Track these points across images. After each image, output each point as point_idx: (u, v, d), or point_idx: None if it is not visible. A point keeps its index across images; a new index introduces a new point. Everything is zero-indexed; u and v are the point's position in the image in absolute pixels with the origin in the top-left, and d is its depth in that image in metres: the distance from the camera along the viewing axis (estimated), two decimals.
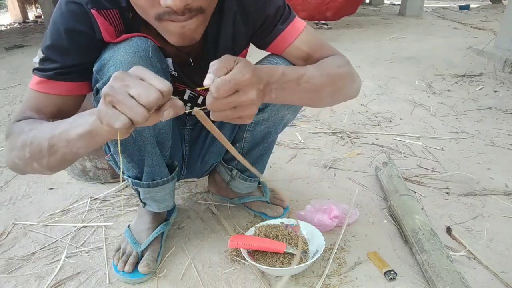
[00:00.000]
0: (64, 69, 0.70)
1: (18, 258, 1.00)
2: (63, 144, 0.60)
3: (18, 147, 0.66)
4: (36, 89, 0.71)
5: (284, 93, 0.68)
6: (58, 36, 0.69)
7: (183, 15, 0.62)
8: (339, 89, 0.79)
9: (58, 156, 0.63)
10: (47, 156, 0.63)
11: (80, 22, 0.69)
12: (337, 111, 2.01)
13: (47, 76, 0.70)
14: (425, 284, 0.86)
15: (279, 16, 0.82)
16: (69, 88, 0.73)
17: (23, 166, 0.68)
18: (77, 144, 0.59)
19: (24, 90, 2.61)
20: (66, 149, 0.61)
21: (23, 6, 8.62)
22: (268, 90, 0.64)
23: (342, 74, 0.79)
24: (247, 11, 0.81)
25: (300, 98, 0.74)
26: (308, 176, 1.37)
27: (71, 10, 0.68)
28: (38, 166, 0.66)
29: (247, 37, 0.87)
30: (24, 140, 0.65)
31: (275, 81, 0.66)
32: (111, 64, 0.70)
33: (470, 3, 6.86)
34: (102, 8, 0.69)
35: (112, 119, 0.50)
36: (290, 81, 0.69)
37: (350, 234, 1.04)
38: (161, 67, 0.75)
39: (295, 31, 0.82)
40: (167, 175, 0.91)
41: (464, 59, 2.94)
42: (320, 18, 4.76)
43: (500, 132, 1.67)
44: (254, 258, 0.91)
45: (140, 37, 0.73)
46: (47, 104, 0.72)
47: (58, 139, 0.60)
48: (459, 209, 1.14)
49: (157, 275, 0.92)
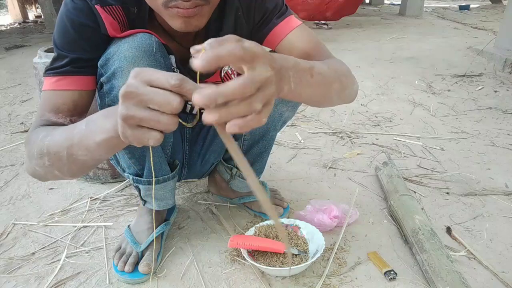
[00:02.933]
0: (76, 62, 0.71)
1: (18, 258, 1.00)
2: (83, 152, 0.59)
3: (36, 156, 0.65)
4: (52, 88, 0.72)
5: (301, 85, 0.60)
6: (66, 31, 0.70)
7: (188, 1, 0.63)
8: (344, 87, 0.76)
9: (79, 164, 0.62)
10: (67, 164, 0.63)
11: (86, 17, 0.70)
12: (337, 111, 2.01)
13: (62, 72, 0.71)
14: (425, 284, 0.86)
15: (276, 11, 0.83)
16: (84, 82, 0.74)
17: (44, 174, 0.68)
18: (98, 151, 0.58)
19: (24, 90, 2.62)
20: (86, 157, 0.60)
21: (23, 6, 8.61)
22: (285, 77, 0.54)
23: (346, 72, 0.78)
24: (249, 6, 0.82)
25: (313, 92, 0.66)
26: (308, 176, 1.37)
27: (76, 6, 0.70)
28: (59, 173, 0.66)
29: (248, 35, 0.87)
30: (41, 148, 0.64)
31: (291, 66, 0.56)
32: (115, 59, 0.71)
33: (470, 3, 6.86)
34: (106, 5, 0.71)
35: (143, 138, 0.47)
36: (304, 70, 0.61)
37: (350, 234, 1.04)
38: (164, 62, 0.76)
39: (289, 26, 0.83)
40: (168, 172, 0.91)
41: (464, 59, 2.95)
42: (320, 18, 4.76)
43: (500, 132, 1.67)
44: (254, 258, 0.91)
45: (145, 33, 0.74)
46: (64, 101, 0.72)
47: (77, 148, 0.59)
48: (459, 209, 1.14)
49: (157, 275, 0.92)
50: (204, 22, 0.70)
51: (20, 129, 1.92)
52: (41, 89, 1.35)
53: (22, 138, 1.80)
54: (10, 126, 1.98)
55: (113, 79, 0.72)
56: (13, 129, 1.94)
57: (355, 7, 4.87)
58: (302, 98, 0.66)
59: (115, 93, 0.73)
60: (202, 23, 0.69)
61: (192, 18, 0.66)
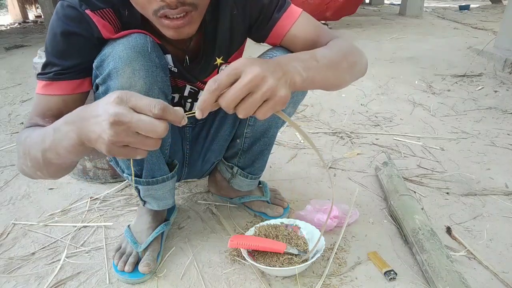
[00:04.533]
0: (66, 69, 0.72)
1: (18, 258, 1.00)
2: (54, 156, 0.62)
3: (22, 156, 0.68)
4: (40, 93, 0.74)
5: (311, 71, 0.65)
6: (55, 40, 0.71)
7: (176, 8, 0.64)
8: (353, 64, 0.78)
9: (54, 166, 0.65)
10: (45, 167, 0.65)
11: (75, 24, 0.70)
12: (337, 111, 2.01)
13: (48, 78, 0.72)
14: (425, 284, 0.86)
15: (274, 4, 0.83)
16: (70, 87, 0.74)
17: (30, 173, 0.71)
18: (67, 156, 0.61)
19: (24, 90, 2.62)
20: (59, 161, 0.63)
21: (23, 6, 8.62)
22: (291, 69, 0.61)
23: (351, 49, 0.79)
24: (243, 4, 0.82)
25: (325, 76, 0.70)
26: (308, 176, 1.37)
27: (66, 14, 0.70)
28: (41, 174, 0.69)
29: (244, 32, 0.88)
30: (24, 149, 0.67)
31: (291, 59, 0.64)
32: (110, 60, 0.71)
33: (470, 3, 6.86)
34: (96, 9, 0.71)
35: (129, 155, 0.53)
36: (306, 59, 0.67)
37: (350, 234, 1.04)
38: (159, 62, 0.76)
39: (292, 17, 0.83)
40: (167, 172, 0.91)
41: (464, 59, 2.95)
42: (320, 18, 4.75)
43: (500, 132, 1.67)
44: (254, 258, 0.91)
45: (139, 33, 0.74)
46: (50, 107, 0.73)
47: (49, 152, 0.62)
48: (459, 209, 1.14)
49: (157, 275, 0.92)
50: (195, 28, 0.71)
51: (20, 129, 1.92)
52: None
53: None
54: (10, 126, 1.98)
55: (108, 80, 0.72)
56: (13, 129, 1.94)
57: (355, 7, 4.87)
58: (316, 84, 0.69)
59: None
60: (193, 29, 0.70)
61: (183, 28, 0.67)
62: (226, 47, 0.88)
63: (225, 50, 0.89)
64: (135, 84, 0.72)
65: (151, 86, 0.74)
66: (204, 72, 0.90)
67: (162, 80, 0.77)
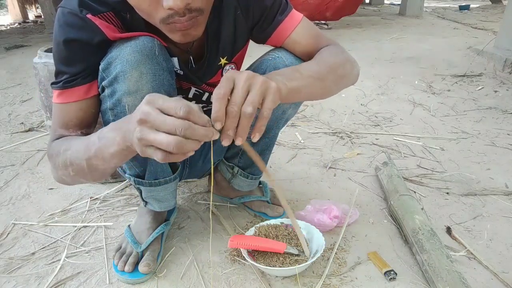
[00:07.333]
0: (72, 76, 0.73)
1: (18, 258, 1.00)
2: (100, 162, 0.65)
3: (61, 167, 0.72)
4: (57, 102, 0.75)
5: (295, 81, 0.69)
6: (59, 48, 0.71)
7: (184, 16, 0.64)
8: (341, 76, 0.81)
9: (99, 171, 0.68)
10: (89, 173, 0.69)
11: (78, 31, 0.70)
12: (337, 111, 2.01)
13: (59, 87, 0.74)
14: (425, 284, 0.86)
15: (277, 7, 0.83)
16: (81, 92, 0.74)
17: (71, 181, 0.76)
18: (113, 161, 0.64)
19: (24, 90, 2.62)
20: (104, 166, 0.66)
21: (23, 6, 8.61)
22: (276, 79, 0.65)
23: (341, 62, 0.81)
24: (247, 5, 0.83)
25: (312, 88, 0.74)
26: (308, 176, 1.37)
27: (67, 21, 0.70)
28: (84, 180, 0.74)
29: (247, 33, 0.88)
30: (64, 161, 0.70)
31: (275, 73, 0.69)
32: (117, 62, 0.71)
33: (470, 3, 6.86)
34: (97, 13, 0.71)
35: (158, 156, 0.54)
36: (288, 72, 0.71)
37: (350, 234, 1.04)
38: (166, 66, 0.76)
39: (293, 22, 0.84)
40: (170, 174, 0.91)
41: (464, 59, 2.94)
42: (320, 18, 4.76)
43: (500, 132, 1.67)
44: (254, 258, 0.91)
45: (147, 36, 0.73)
46: (70, 117, 0.75)
47: (95, 159, 0.65)
48: (459, 209, 1.14)
49: (157, 275, 0.92)
50: (201, 30, 0.71)
51: (20, 129, 1.92)
52: (41, 89, 1.36)
53: (22, 138, 1.80)
54: (10, 126, 1.98)
55: (115, 83, 0.72)
56: (13, 129, 1.94)
57: (355, 7, 4.87)
58: (302, 94, 0.73)
59: (117, 97, 0.73)
60: (200, 32, 0.70)
61: (190, 30, 0.67)
62: (230, 47, 0.88)
63: (229, 50, 0.89)
64: (142, 87, 0.72)
65: (158, 90, 0.74)
66: (209, 73, 0.90)
67: (169, 83, 0.77)
